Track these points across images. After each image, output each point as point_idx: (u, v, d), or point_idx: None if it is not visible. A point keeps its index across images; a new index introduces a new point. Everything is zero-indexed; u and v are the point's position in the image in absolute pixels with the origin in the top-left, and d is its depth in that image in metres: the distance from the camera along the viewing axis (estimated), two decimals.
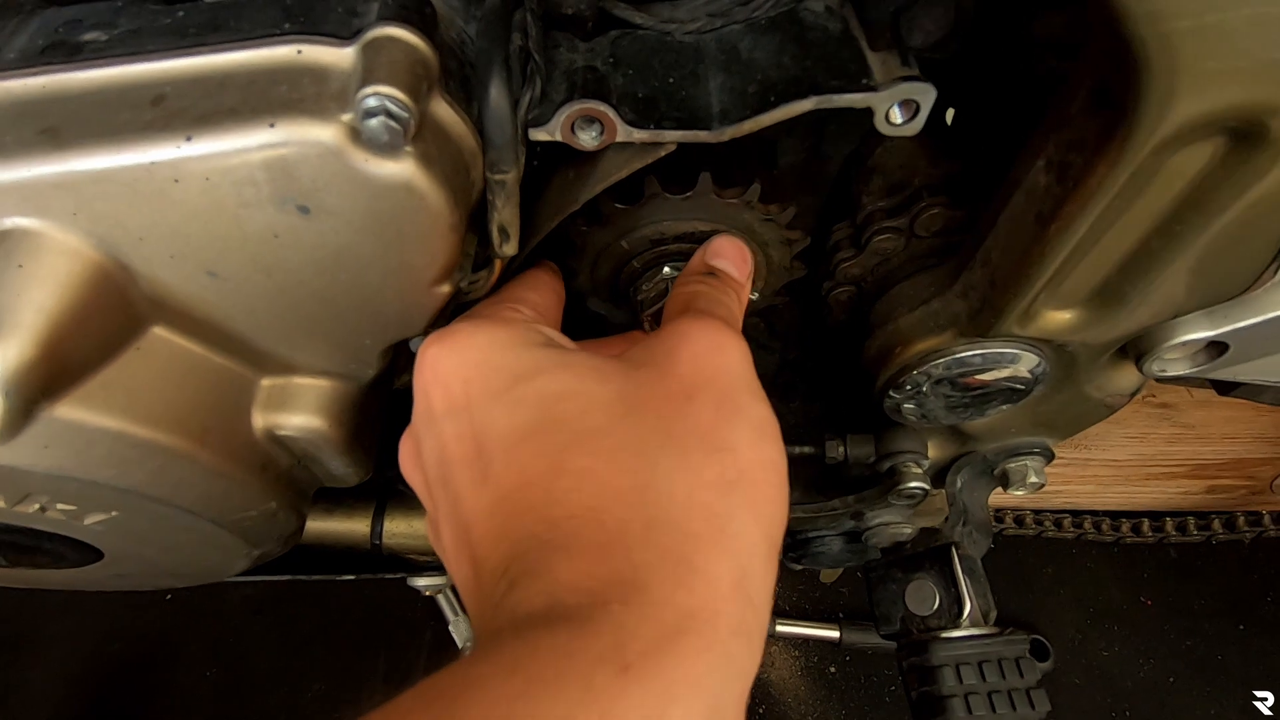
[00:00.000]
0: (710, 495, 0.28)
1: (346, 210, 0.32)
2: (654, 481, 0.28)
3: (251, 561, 0.49)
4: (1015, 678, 0.53)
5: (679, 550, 0.27)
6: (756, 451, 0.30)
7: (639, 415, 0.30)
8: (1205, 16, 0.26)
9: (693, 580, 0.26)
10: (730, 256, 0.42)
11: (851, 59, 0.37)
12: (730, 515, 0.28)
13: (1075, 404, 0.53)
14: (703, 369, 0.32)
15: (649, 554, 0.26)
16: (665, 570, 0.26)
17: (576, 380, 0.31)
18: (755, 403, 0.32)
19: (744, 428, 0.31)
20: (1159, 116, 0.29)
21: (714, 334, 0.34)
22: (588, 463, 0.28)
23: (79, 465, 0.35)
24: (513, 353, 0.32)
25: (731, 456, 0.30)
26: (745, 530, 0.28)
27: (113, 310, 0.34)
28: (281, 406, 0.42)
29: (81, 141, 0.31)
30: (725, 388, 0.32)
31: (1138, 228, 0.36)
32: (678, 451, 0.29)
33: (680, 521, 0.27)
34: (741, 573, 0.27)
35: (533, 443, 0.29)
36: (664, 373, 0.32)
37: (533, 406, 0.30)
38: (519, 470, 0.29)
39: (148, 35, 0.33)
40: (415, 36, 0.31)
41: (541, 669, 0.23)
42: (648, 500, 0.28)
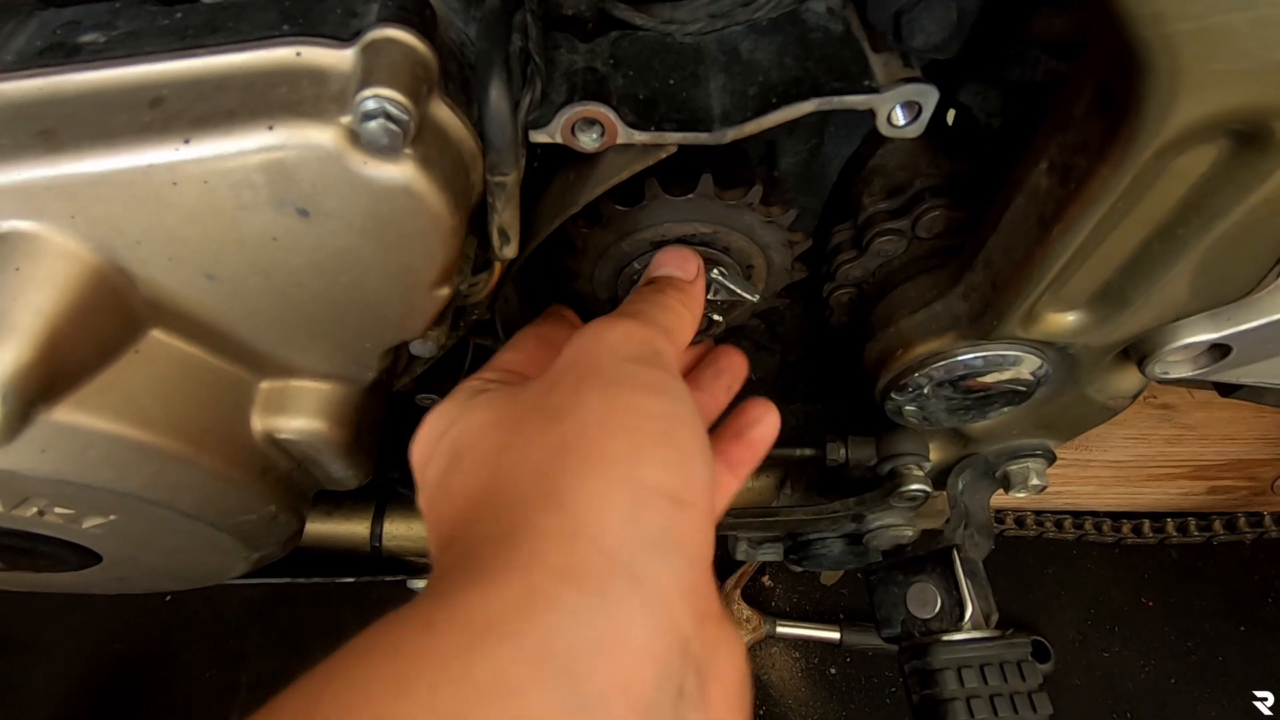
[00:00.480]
0: (547, 460, 0.29)
1: (346, 213, 0.32)
2: (503, 469, 0.30)
3: (251, 564, 0.49)
4: (1017, 681, 0.52)
5: (511, 519, 0.28)
6: (609, 404, 0.30)
7: (504, 420, 0.33)
8: (1208, 19, 0.26)
9: (519, 537, 0.27)
10: (670, 262, 0.44)
11: (853, 60, 0.37)
12: (565, 472, 0.28)
13: (1077, 406, 0.53)
14: (575, 356, 0.34)
15: (487, 528, 0.28)
16: (494, 538, 0.27)
17: (469, 415, 0.34)
18: (621, 363, 0.33)
19: (595, 390, 0.31)
20: (1162, 119, 0.29)
21: (599, 324, 0.35)
22: (459, 477, 0.32)
23: (77, 469, 0.35)
24: (442, 418, 0.35)
25: (573, 418, 0.30)
26: (584, 482, 0.28)
27: (110, 313, 0.34)
28: (281, 409, 0.41)
29: (79, 144, 0.30)
30: (588, 362, 0.33)
31: (1140, 230, 0.36)
32: (521, 435, 0.31)
33: (518, 492, 0.29)
34: (577, 522, 0.27)
35: (439, 482, 0.33)
36: (544, 376, 0.34)
37: (445, 453, 0.34)
38: (432, 506, 0.33)
39: (146, 37, 0.33)
40: (415, 38, 0.31)
41: (354, 648, 0.25)
42: (494, 487, 0.30)
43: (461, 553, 0.28)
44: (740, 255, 0.50)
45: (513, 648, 0.23)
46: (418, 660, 0.23)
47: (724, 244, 0.49)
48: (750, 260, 0.51)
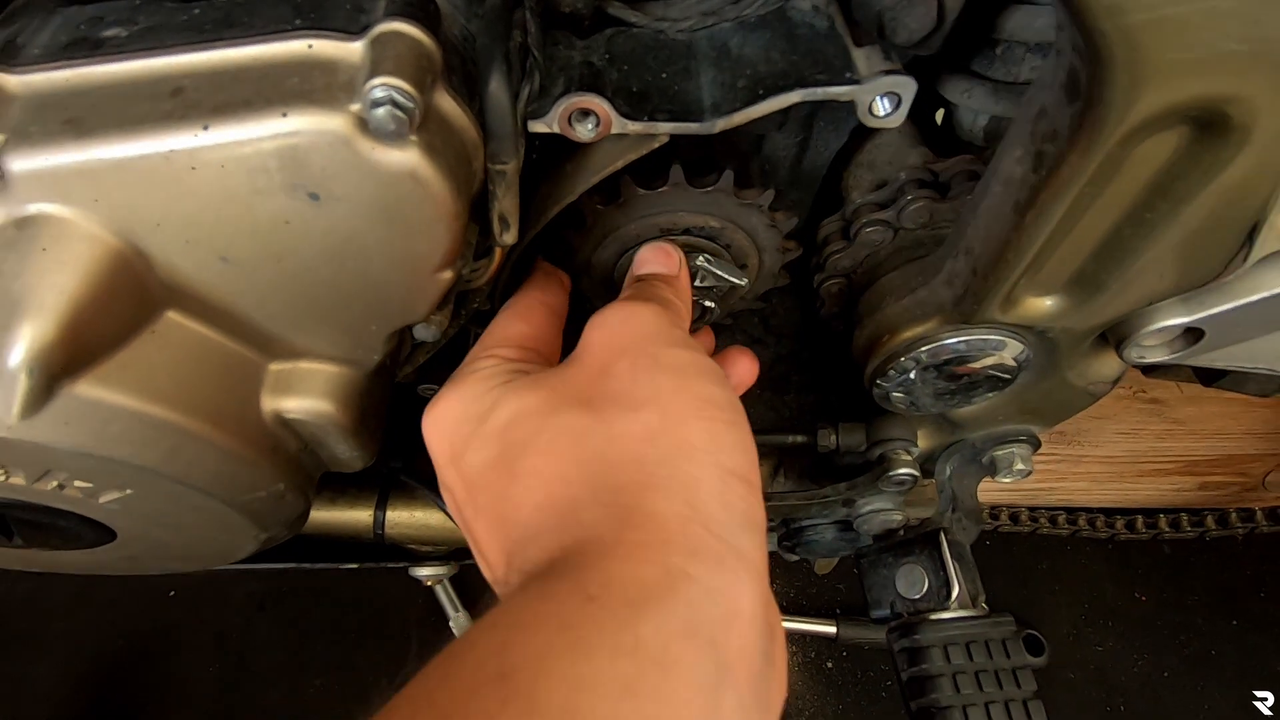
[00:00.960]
0: (639, 448, 0.31)
1: (354, 197, 0.34)
2: (588, 455, 0.32)
3: (259, 544, 0.51)
4: (1002, 658, 0.54)
5: (620, 502, 0.30)
6: (681, 393, 0.33)
7: (566, 405, 0.34)
8: (1163, 9, 0.27)
9: (639, 520, 0.29)
10: (651, 260, 0.45)
11: (836, 54, 0.39)
12: (664, 459, 0.31)
13: (1059, 391, 0.54)
14: (614, 341, 0.36)
15: (595, 512, 0.30)
16: (611, 521, 0.29)
17: (516, 400, 0.35)
18: (672, 349, 0.35)
19: (662, 376, 0.34)
20: (1124, 107, 0.31)
21: (622, 309, 0.37)
22: (533, 462, 0.33)
23: (97, 442, 0.36)
24: (475, 402, 0.36)
25: (652, 407, 0.33)
26: (684, 468, 0.31)
27: (130, 294, 0.36)
28: (289, 390, 0.43)
29: (103, 131, 0.32)
30: (637, 348, 0.35)
31: (1109, 215, 0.38)
32: (603, 422, 0.33)
33: (618, 479, 0.31)
34: (687, 506, 0.30)
35: (497, 467, 0.34)
36: (583, 360, 0.36)
37: (493, 439, 0.35)
38: (493, 492, 0.34)
39: (166, 31, 0.34)
40: (420, 32, 0.33)
41: (519, 617, 0.26)
42: (586, 473, 0.31)
43: (577, 536, 0.29)
44: (739, 253, 0.52)
45: (669, 620, 0.26)
46: (592, 631, 0.25)
47: (726, 240, 0.50)
48: (745, 259, 0.53)
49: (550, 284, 0.47)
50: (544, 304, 0.45)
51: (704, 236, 0.50)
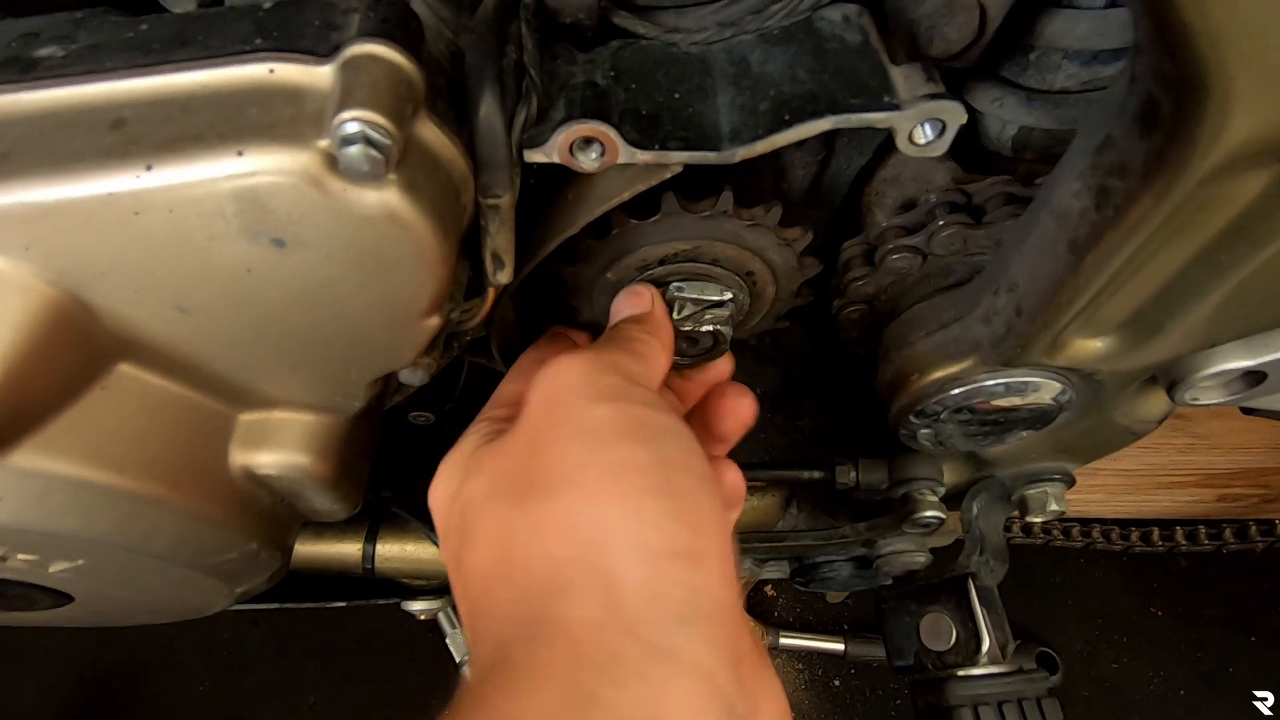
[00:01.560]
0: (553, 544, 0.29)
1: (325, 243, 0.30)
2: (514, 552, 0.30)
3: (234, 599, 0.47)
4: (1036, 718, 0.50)
5: (532, 613, 0.28)
6: (598, 465, 0.30)
7: (498, 492, 0.32)
8: (1271, 38, 0.23)
9: (547, 633, 0.27)
10: (625, 306, 0.44)
11: (872, 74, 0.35)
12: (575, 557, 0.29)
13: (1100, 430, 0.50)
14: (543, 404, 0.33)
15: (511, 628, 0.28)
16: (522, 637, 0.28)
17: (471, 478, 0.34)
18: (591, 406, 0.32)
19: (580, 445, 0.31)
20: (1213, 143, 0.27)
21: (560, 363, 0.34)
22: (473, 559, 0.32)
23: (38, 517, 0.32)
24: (453, 477, 0.35)
25: (569, 488, 0.30)
26: (601, 561, 0.28)
27: (73, 349, 0.32)
28: (261, 443, 0.39)
29: (34, 169, 0.28)
30: (561, 409, 0.32)
31: (1180, 257, 0.33)
32: (526, 513, 0.30)
33: (534, 582, 0.29)
34: (603, 609, 0.27)
35: (459, 561, 0.33)
36: (519, 430, 0.34)
37: (457, 526, 0.33)
38: (457, 587, 0.33)
39: (108, 51, 0.30)
40: (399, 54, 0.28)
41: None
42: (509, 567, 0.30)
43: (493, 648, 0.28)
44: (734, 265, 0.48)
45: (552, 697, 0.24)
46: None
47: (712, 257, 0.46)
48: (744, 270, 0.49)
49: (554, 344, 0.45)
50: (539, 362, 0.42)
51: (680, 261, 0.46)
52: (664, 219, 0.41)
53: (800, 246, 0.46)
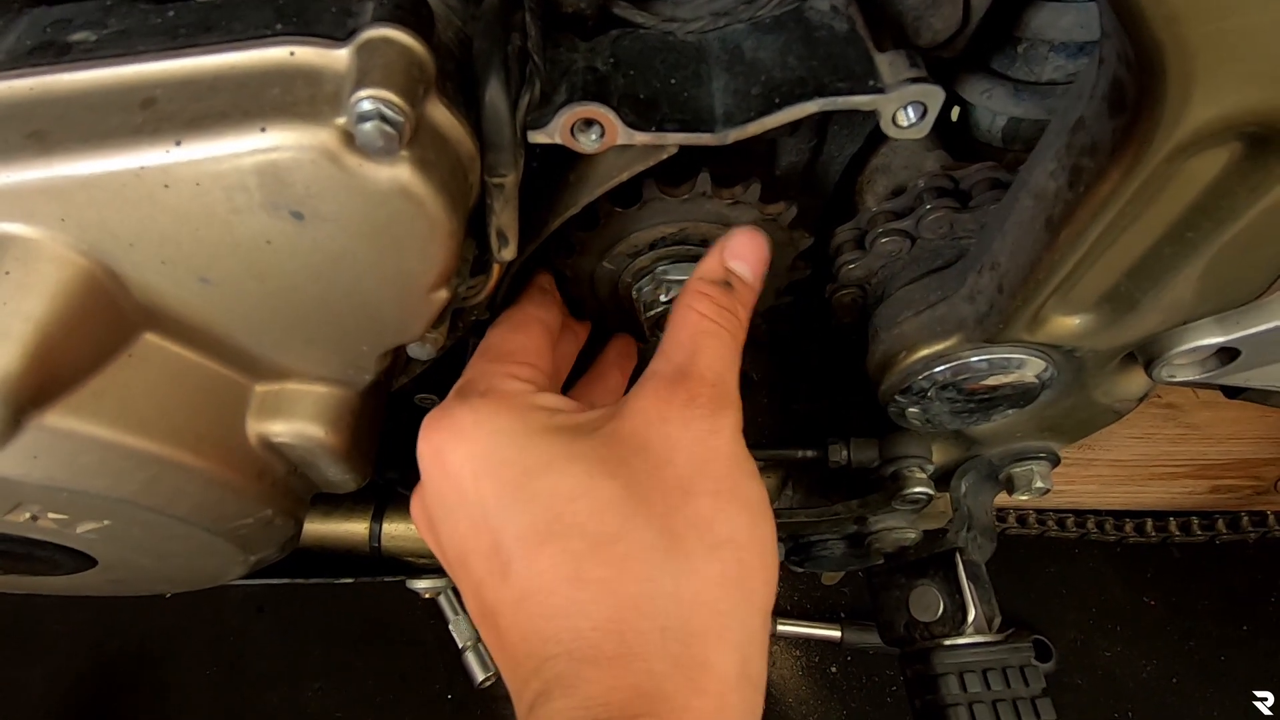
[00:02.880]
0: (714, 593, 0.31)
1: (341, 216, 0.32)
2: (663, 588, 0.31)
3: (249, 568, 0.49)
4: (1020, 686, 0.52)
5: (690, 654, 0.30)
6: (752, 537, 0.33)
7: (644, 516, 0.32)
8: (1226, 19, 0.25)
9: (705, 680, 0.29)
10: (749, 258, 0.40)
11: (858, 59, 0.37)
12: (733, 608, 0.31)
13: (1082, 409, 0.52)
14: (699, 454, 0.34)
15: (664, 663, 0.29)
16: (680, 676, 0.29)
17: (586, 477, 0.32)
18: (748, 482, 0.34)
19: (741, 516, 0.33)
20: (1175, 122, 0.29)
21: (710, 409, 0.34)
22: (604, 573, 0.31)
23: (69, 475, 0.34)
24: (519, 444, 0.33)
25: (730, 549, 0.32)
26: (746, 619, 0.32)
27: (103, 317, 0.33)
28: (276, 413, 0.41)
29: (69, 145, 0.30)
30: (720, 473, 0.34)
31: (1150, 233, 0.35)
32: (682, 554, 0.31)
33: (689, 623, 0.30)
34: (744, 660, 0.31)
35: (551, 547, 0.31)
36: (662, 461, 0.33)
37: (546, 506, 0.32)
38: (540, 574, 0.31)
39: (138, 35, 0.32)
40: (411, 38, 0.30)
41: None
42: (659, 608, 0.30)
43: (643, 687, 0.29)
44: None
45: None
46: None
47: (700, 238, 0.48)
48: None
49: (546, 302, 0.45)
50: (539, 320, 0.43)
51: (669, 244, 0.48)
52: (648, 205, 0.43)
53: (786, 220, 0.48)
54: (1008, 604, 1.10)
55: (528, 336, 0.41)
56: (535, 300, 0.45)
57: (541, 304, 0.45)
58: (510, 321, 0.43)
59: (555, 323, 0.44)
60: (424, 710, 1.22)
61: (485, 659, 1.19)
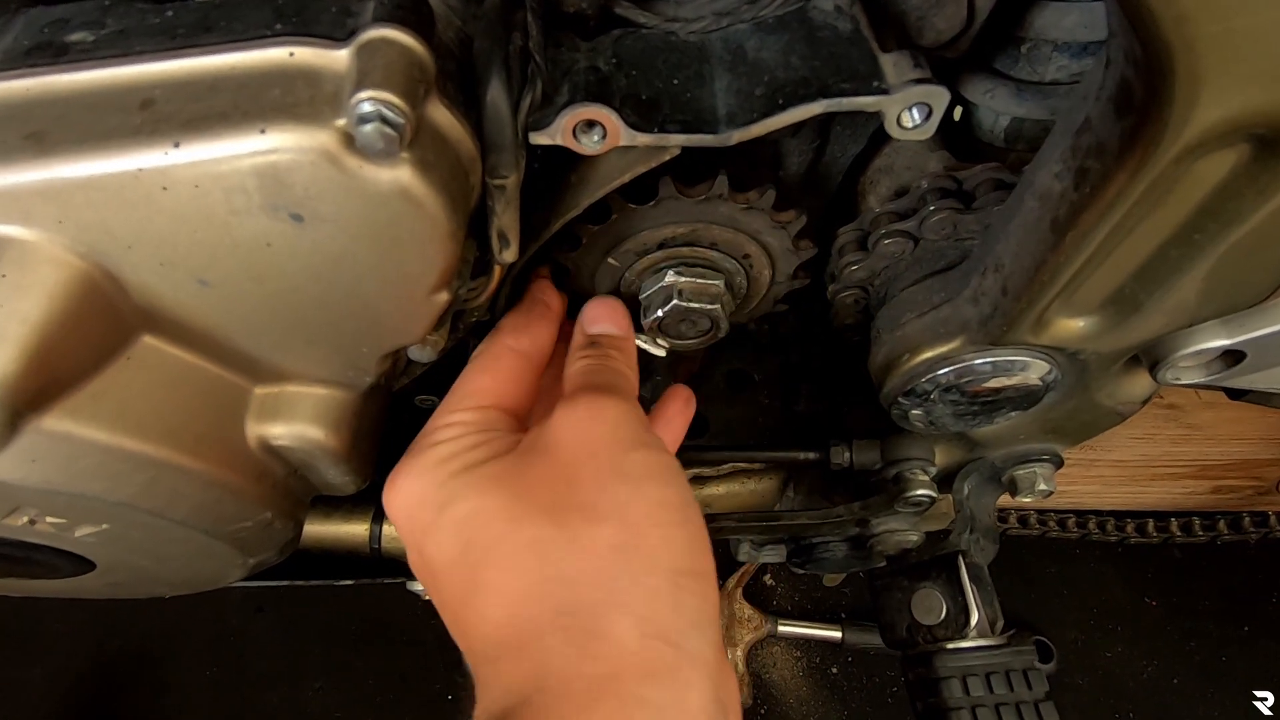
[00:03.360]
0: (599, 563, 0.32)
1: (341, 218, 0.31)
2: (551, 572, 0.32)
3: (248, 570, 0.48)
4: (1023, 689, 0.52)
5: (579, 624, 0.30)
6: (639, 501, 0.34)
7: (531, 514, 0.33)
8: (1234, 21, 0.25)
9: (595, 645, 0.30)
10: (605, 318, 0.45)
11: (862, 60, 0.36)
12: (622, 572, 0.32)
13: (1086, 411, 0.52)
14: (581, 444, 0.35)
15: (556, 637, 0.30)
16: (571, 647, 0.30)
17: (479, 497, 0.35)
18: (634, 453, 0.35)
19: (623, 486, 0.34)
20: (1183, 123, 0.28)
21: (588, 406, 0.37)
22: (495, 575, 0.33)
23: (67, 478, 0.34)
24: (433, 487, 0.36)
25: (615, 519, 0.33)
26: (643, 580, 0.32)
27: (101, 319, 0.33)
28: (276, 416, 0.41)
29: (67, 147, 0.30)
30: (602, 454, 0.35)
31: (1156, 236, 0.35)
32: (568, 538, 0.33)
33: (579, 598, 0.31)
34: (646, 619, 0.31)
35: (457, 568, 0.34)
36: (549, 462, 0.35)
37: (453, 534, 0.34)
38: (453, 595, 0.34)
39: (136, 36, 0.32)
40: (411, 38, 0.30)
41: None
42: (550, 592, 0.31)
43: (537, 667, 0.30)
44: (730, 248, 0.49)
45: None
46: None
47: (710, 240, 0.48)
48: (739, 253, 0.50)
49: (530, 325, 0.44)
50: (514, 351, 0.43)
51: (678, 245, 0.47)
52: (661, 203, 0.43)
53: (795, 229, 0.48)
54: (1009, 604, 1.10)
55: (493, 376, 0.42)
56: (515, 325, 0.44)
57: (524, 329, 0.44)
58: (479, 360, 0.43)
59: (539, 343, 0.44)
60: (424, 710, 1.22)
61: None
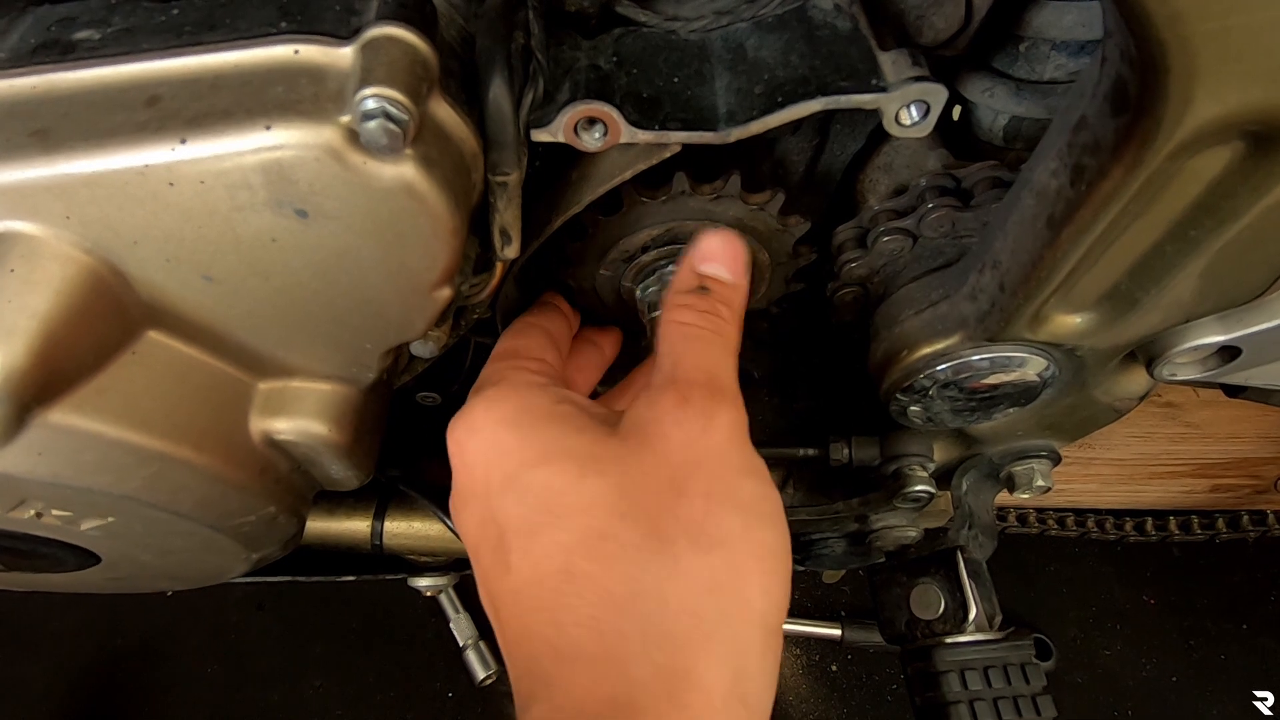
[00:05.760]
0: (702, 600, 0.30)
1: (345, 214, 0.32)
2: (648, 588, 0.30)
3: (251, 565, 0.49)
4: (1021, 683, 0.52)
5: (672, 663, 0.28)
6: (748, 541, 0.31)
7: (634, 515, 0.31)
8: (1229, 18, 0.25)
9: (686, 694, 0.28)
10: (719, 257, 0.38)
11: (860, 58, 0.37)
12: (722, 617, 0.30)
13: (1083, 407, 0.52)
14: (692, 452, 0.32)
15: (644, 670, 0.28)
16: (659, 686, 0.28)
17: (578, 471, 0.32)
18: (747, 481, 0.33)
19: (735, 517, 0.31)
20: (1177, 120, 0.29)
21: (703, 413, 0.33)
22: (590, 568, 0.30)
23: (74, 472, 0.34)
24: (520, 433, 0.33)
25: (722, 553, 0.30)
26: (739, 630, 0.30)
27: (107, 315, 0.34)
28: (280, 411, 0.41)
29: (74, 143, 0.30)
30: (715, 471, 0.32)
31: (1152, 232, 0.35)
32: (670, 556, 0.30)
33: (673, 631, 0.29)
34: (735, 675, 0.29)
35: (543, 538, 0.31)
36: (656, 460, 0.32)
37: (539, 498, 0.32)
38: (532, 566, 0.31)
39: (142, 34, 0.32)
40: (415, 36, 0.30)
41: None
42: (643, 609, 0.29)
43: (622, 693, 0.28)
44: None
45: None
46: None
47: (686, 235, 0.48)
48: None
49: (549, 314, 0.45)
50: (542, 329, 0.43)
51: (669, 243, 0.48)
52: (629, 211, 0.43)
53: (775, 208, 0.47)
54: (1008, 603, 1.10)
55: (530, 339, 0.42)
56: (537, 311, 0.46)
57: (544, 314, 0.45)
58: (512, 329, 0.44)
59: (559, 330, 0.44)
60: (425, 708, 1.22)
61: (486, 657, 1.19)
